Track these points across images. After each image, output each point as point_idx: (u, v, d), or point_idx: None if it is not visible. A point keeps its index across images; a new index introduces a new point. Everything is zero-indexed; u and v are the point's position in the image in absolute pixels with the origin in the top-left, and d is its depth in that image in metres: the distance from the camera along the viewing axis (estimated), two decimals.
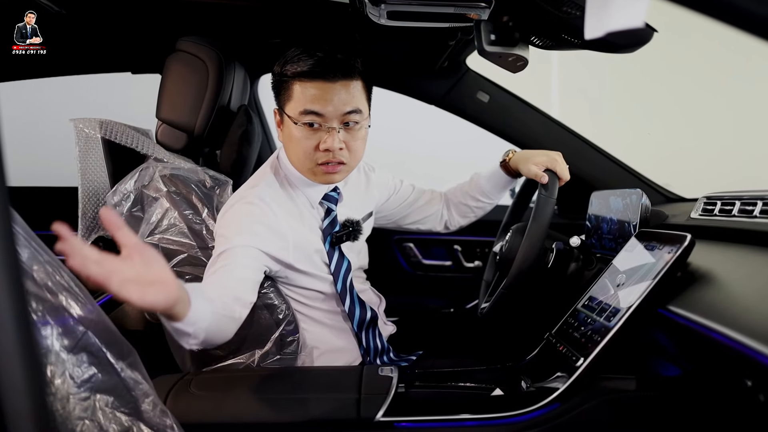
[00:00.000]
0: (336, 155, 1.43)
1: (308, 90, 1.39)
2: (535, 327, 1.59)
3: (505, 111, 2.17)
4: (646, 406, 1.23)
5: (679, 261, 1.19)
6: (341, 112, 1.40)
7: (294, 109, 1.41)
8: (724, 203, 1.52)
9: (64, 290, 0.82)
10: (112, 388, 0.86)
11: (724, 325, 0.97)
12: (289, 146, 1.48)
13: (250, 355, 1.55)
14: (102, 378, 0.84)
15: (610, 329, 1.20)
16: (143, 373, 0.92)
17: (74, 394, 0.80)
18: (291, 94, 1.42)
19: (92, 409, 0.82)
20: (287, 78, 1.42)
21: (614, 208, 1.68)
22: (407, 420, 1.21)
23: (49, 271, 0.81)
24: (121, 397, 0.87)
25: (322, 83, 1.39)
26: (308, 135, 1.42)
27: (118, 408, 0.86)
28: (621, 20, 0.79)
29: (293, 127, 1.43)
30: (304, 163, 1.46)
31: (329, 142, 1.41)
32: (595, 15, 0.85)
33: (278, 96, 1.48)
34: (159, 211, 1.57)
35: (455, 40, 1.75)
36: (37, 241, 0.81)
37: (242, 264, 1.36)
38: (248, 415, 1.22)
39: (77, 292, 0.85)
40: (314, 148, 1.43)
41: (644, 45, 1.23)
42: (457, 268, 2.51)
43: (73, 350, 0.81)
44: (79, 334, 0.82)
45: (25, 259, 0.77)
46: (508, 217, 1.85)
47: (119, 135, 1.63)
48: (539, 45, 1.40)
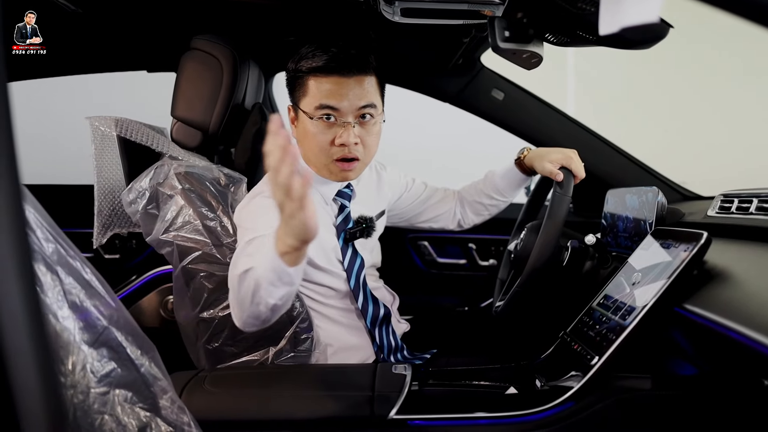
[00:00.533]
0: (351, 150, 1.44)
1: (323, 85, 1.41)
2: (550, 325, 1.58)
3: (520, 108, 2.16)
4: (661, 405, 1.22)
5: (695, 259, 1.18)
6: (356, 107, 1.42)
7: (309, 104, 1.42)
8: (741, 201, 1.50)
9: (88, 286, 0.83)
10: (132, 384, 0.86)
11: (740, 324, 0.96)
12: (304, 142, 1.49)
13: (264, 352, 1.56)
14: (121, 373, 0.85)
15: (625, 328, 1.19)
16: (162, 369, 0.93)
17: (94, 388, 0.81)
18: (306, 90, 1.43)
19: (111, 403, 0.83)
20: (302, 74, 1.43)
21: (630, 206, 1.66)
22: (421, 418, 1.21)
23: (74, 266, 0.82)
24: (140, 393, 0.88)
25: (337, 78, 1.40)
26: (323, 130, 1.43)
27: (137, 403, 0.87)
28: (635, 16, 0.78)
29: (308, 122, 1.43)
30: (320, 159, 1.47)
31: (345, 136, 1.42)
32: (609, 11, 0.84)
33: (293, 92, 1.49)
34: (174, 209, 1.58)
35: (469, 38, 1.74)
36: (63, 237, 0.82)
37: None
38: (261, 412, 1.23)
39: (100, 288, 0.86)
40: (330, 143, 1.44)
41: (660, 41, 1.22)
42: (472, 267, 2.50)
43: (93, 345, 0.81)
44: (101, 329, 0.83)
45: (50, 253, 0.78)
46: (522, 215, 1.84)
47: (135, 133, 1.64)
48: (554, 42, 1.39)
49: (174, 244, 1.57)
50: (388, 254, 1.85)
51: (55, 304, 0.76)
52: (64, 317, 0.77)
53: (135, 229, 1.75)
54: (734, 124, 3.62)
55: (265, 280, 1.11)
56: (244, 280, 1.16)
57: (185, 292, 1.59)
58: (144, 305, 2.18)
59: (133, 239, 2.37)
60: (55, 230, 0.81)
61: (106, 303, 0.85)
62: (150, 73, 2.19)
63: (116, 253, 2.39)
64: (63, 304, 0.78)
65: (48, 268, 0.77)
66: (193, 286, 1.57)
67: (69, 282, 0.80)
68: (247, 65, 1.80)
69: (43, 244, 0.78)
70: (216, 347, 1.58)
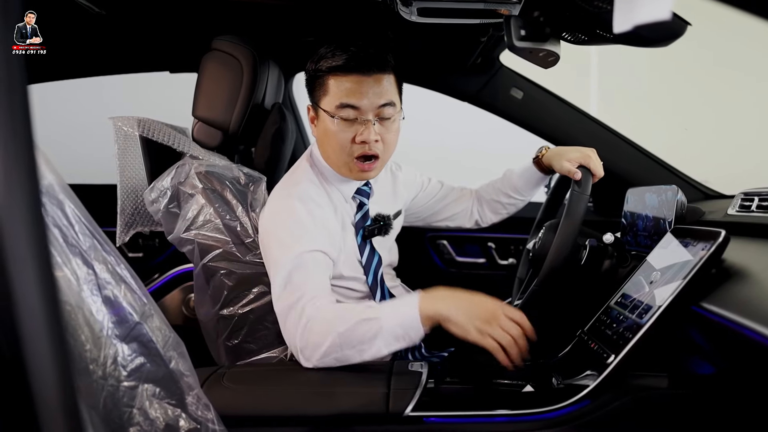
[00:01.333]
0: (371, 147, 1.46)
1: (343, 84, 1.43)
2: (568, 324, 1.58)
3: (540, 107, 2.16)
4: (678, 404, 1.21)
5: (714, 257, 1.17)
6: (376, 105, 1.44)
7: (330, 103, 1.44)
8: (761, 199, 1.49)
9: (121, 281, 0.86)
10: (160, 379, 0.88)
11: (757, 322, 0.95)
12: (325, 141, 1.50)
13: (283, 349, 1.58)
14: (150, 368, 0.87)
15: (642, 326, 1.19)
16: (189, 365, 0.95)
17: (123, 381, 0.83)
18: (326, 89, 1.45)
19: (140, 398, 0.85)
20: (322, 73, 1.46)
21: (650, 204, 1.65)
22: (436, 415, 1.21)
23: (109, 261, 0.84)
24: (168, 389, 0.89)
25: (357, 77, 1.43)
26: (344, 128, 1.45)
27: (164, 399, 0.89)
28: (649, 13, 0.78)
29: (329, 121, 1.45)
30: (340, 157, 1.49)
31: (365, 134, 1.44)
32: (623, 9, 0.84)
33: (313, 92, 1.51)
34: (195, 208, 1.60)
35: (487, 37, 1.74)
36: (100, 233, 0.84)
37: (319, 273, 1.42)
38: (278, 407, 1.24)
39: (133, 284, 0.88)
40: (350, 140, 1.46)
41: (677, 38, 1.21)
42: (491, 266, 2.50)
43: (125, 339, 0.84)
44: (132, 324, 0.85)
45: (87, 248, 0.81)
46: (541, 214, 1.84)
47: (157, 133, 1.67)
48: (571, 40, 1.38)
49: (195, 242, 1.60)
50: (408, 253, 1.86)
51: (89, 297, 0.79)
52: (97, 311, 0.80)
53: (157, 227, 1.78)
54: (760, 123, 3.57)
55: (390, 333, 1.22)
56: (359, 328, 1.23)
57: (206, 289, 1.61)
58: (166, 303, 2.21)
59: (156, 238, 2.41)
60: (93, 225, 0.83)
61: (138, 299, 0.88)
62: (173, 74, 2.23)
63: (139, 252, 2.43)
64: (97, 297, 0.80)
65: (84, 262, 0.79)
66: (213, 284, 1.59)
67: (104, 277, 0.82)
68: (267, 65, 1.81)
69: (80, 239, 0.80)
70: (236, 344, 1.60)
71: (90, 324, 0.79)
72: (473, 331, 1.19)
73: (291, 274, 1.37)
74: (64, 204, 0.78)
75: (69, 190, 0.79)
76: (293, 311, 1.32)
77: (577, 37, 1.36)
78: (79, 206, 0.81)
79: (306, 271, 1.38)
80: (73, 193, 0.80)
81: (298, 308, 1.32)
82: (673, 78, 3.84)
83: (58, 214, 0.77)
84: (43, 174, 0.75)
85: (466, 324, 1.20)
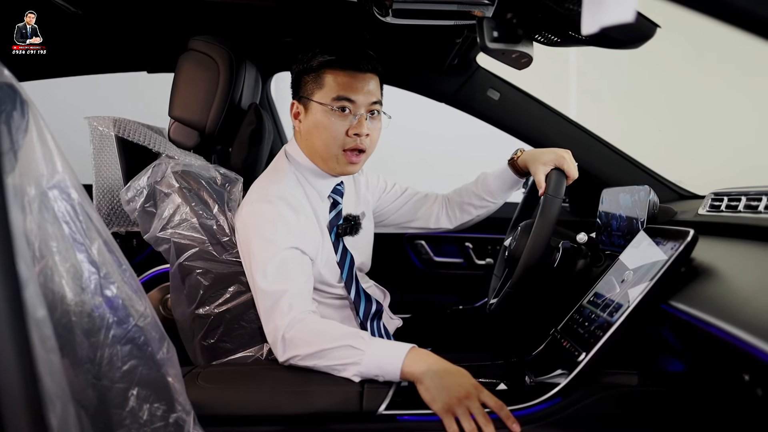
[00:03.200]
0: (362, 141, 1.53)
1: (340, 78, 1.51)
2: (543, 323, 1.60)
3: (516, 108, 2.17)
4: (648, 401, 1.23)
5: (683, 256, 1.19)
6: (369, 101, 1.53)
7: (326, 96, 1.51)
8: (730, 199, 1.51)
9: (124, 283, 0.86)
10: (152, 383, 0.89)
11: (721, 320, 0.97)
12: (315, 133, 1.54)
13: (259, 348, 1.58)
14: (143, 371, 0.87)
15: (612, 325, 1.21)
16: (178, 370, 0.95)
17: (116, 383, 0.84)
18: (322, 83, 1.52)
19: (130, 400, 0.86)
20: (317, 68, 1.52)
21: (623, 205, 1.68)
22: (410, 413, 1.22)
23: (114, 262, 0.86)
24: (158, 393, 0.90)
25: (353, 72, 1.51)
26: (338, 120, 1.51)
27: (154, 402, 0.89)
28: (615, 15, 0.80)
29: (323, 113, 1.51)
30: (331, 149, 1.53)
31: (359, 127, 1.51)
32: (591, 10, 0.86)
33: (304, 86, 1.56)
34: (171, 207, 1.60)
35: (462, 38, 1.75)
36: (107, 233, 0.85)
37: (303, 272, 1.47)
38: (252, 406, 1.24)
39: (134, 287, 0.89)
40: (343, 133, 1.51)
41: (647, 40, 1.23)
42: (469, 266, 2.51)
43: (122, 341, 0.84)
44: (130, 326, 0.86)
45: (92, 246, 0.81)
46: (518, 213, 1.85)
47: (133, 133, 1.66)
48: (543, 42, 1.40)
49: (171, 241, 1.59)
50: (386, 253, 1.87)
51: (91, 295, 0.80)
52: (98, 309, 0.81)
53: (134, 228, 1.77)
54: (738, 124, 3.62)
55: (366, 367, 1.26)
56: (342, 351, 1.28)
57: (181, 289, 1.61)
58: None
59: (134, 238, 2.39)
60: (100, 224, 0.84)
61: (138, 301, 0.89)
62: (151, 74, 2.22)
63: None
64: (99, 296, 0.81)
65: (88, 260, 0.80)
66: (189, 283, 1.59)
67: (107, 276, 0.83)
68: (244, 66, 1.81)
69: (86, 236, 0.81)
70: (211, 343, 1.60)
71: (89, 322, 0.80)
72: (440, 404, 1.18)
73: (276, 267, 1.41)
74: (73, 200, 0.79)
75: (81, 187, 0.80)
76: (281, 303, 1.36)
77: (549, 39, 1.37)
78: (89, 205, 0.82)
79: (289, 267, 1.43)
80: (84, 191, 0.81)
81: (284, 301, 1.36)
82: (652, 78, 3.88)
83: (67, 209, 0.78)
84: (56, 168, 0.77)
85: (435, 394, 1.19)
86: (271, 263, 1.41)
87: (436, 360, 1.26)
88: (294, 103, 1.59)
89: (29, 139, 0.74)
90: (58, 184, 0.77)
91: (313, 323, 1.35)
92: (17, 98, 0.70)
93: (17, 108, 0.69)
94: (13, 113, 0.68)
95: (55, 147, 0.77)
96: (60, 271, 0.76)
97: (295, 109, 1.59)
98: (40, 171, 0.75)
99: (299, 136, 1.60)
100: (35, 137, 0.75)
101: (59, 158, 0.77)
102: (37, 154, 0.75)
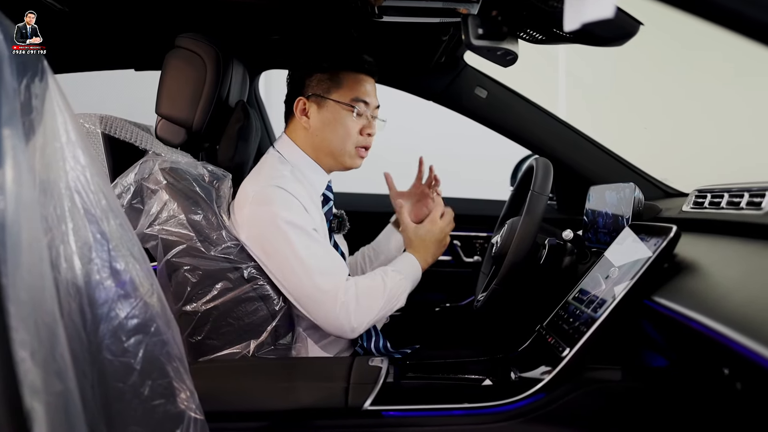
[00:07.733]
0: (370, 141, 1.68)
1: (360, 81, 1.64)
2: (529, 320, 1.61)
3: (504, 106, 2.18)
4: (631, 396, 1.24)
5: (666, 252, 1.20)
6: (376, 105, 1.69)
7: (345, 95, 1.62)
8: (713, 196, 1.53)
9: (132, 257, 0.88)
10: (155, 359, 0.89)
11: (702, 314, 0.98)
12: (329, 129, 1.62)
13: (246, 345, 1.58)
14: (147, 348, 0.87)
15: (596, 320, 1.22)
16: (181, 350, 0.96)
17: (119, 356, 0.84)
18: (341, 82, 1.62)
19: (132, 375, 0.85)
20: (337, 69, 1.62)
21: (609, 202, 1.69)
22: (395, 409, 1.23)
23: (123, 237, 0.86)
24: (160, 370, 0.90)
25: (369, 78, 1.67)
26: (355, 120, 1.62)
27: (157, 379, 0.89)
28: (595, 12, 0.80)
29: (340, 111, 1.62)
30: (345, 144, 1.63)
31: (372, 127, 1.67)
32: (572, 7, 0.86)
33: (317, 84, 1.63)
34: (158, 203, 1.60)
35: (449, 36, 1.76)
36: (118, 208, 0.86)
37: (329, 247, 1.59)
38: (238, 402, 1.25)
39: (142, 262, 0.91)
40: (358, 131, 1.63)
41: (630, 38, 1.24)
42: (457, 263, 2.52)
43: (127, 315, 0.85)
44: (136, 300, 0.87)
45: (103, 218, 0.82)
46: (506, 209, 1.86)
47: (119, 130, 1.66)
48: (528, 39, 1.41)
49: (158, 237, 1.59)
50: None
51: (98, 266, 0.81)
52: (104, 281, 0.82)
53: None
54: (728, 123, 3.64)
55: (410, 286, 1.61)
56: (396, 288, 1.56)
57: (168, 286, 1.60)
58: None
59: None
60: (113, 199, 0.85)
61: (145, 277, 0.90)
62: (139, 72, 2.21)
63: None
64: (107, 268, 0.82)
65: (99, 231, 0.81)
66: (176, 280, 1.59)
67: (116, 249, 0.84)
68: (231, 63, 1.81)
69: (98, 207, 0.81)
70: (198, 340, 1.60)
71: (94, 294, 0.80)
72: (442, 249, 1.71)
73: (314, 254, 1.49)
74: (86, 170, 0.80)
75: (96, 161, 0.81)
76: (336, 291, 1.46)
77: (533, 37, 1.38)
78: (103, 177, 0.83)
79: (320, 246, 1.52)
80: (100, 165, 0.82)
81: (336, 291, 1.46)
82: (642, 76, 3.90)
83: (80, 179, 0.79)
84: (70, 138, 0.78)
85: (437, 252, 1.70)
86: (304, 248, 1.48)
87: (422, 245, 1.68)
88: (302, 100, 1.64)
89: (49, 105, 0.75)
90: (72, 153, 0.77)
91: (364, 292, 1.49)
92: (39, 66, 0.73)
93: (38, 74, 0.73)
94: (35, 78, 0.71)
95: (70, 116, 0.78)
96: (68, 240, 0.77)
97: (302, 106, 1.64)
98: (60, 138, 0.76)
99: (304, 131, 1.65)
100: (56, 104, 0.77)
101: (73, 126, 0.78)
102: (57, 122, 0.76)
